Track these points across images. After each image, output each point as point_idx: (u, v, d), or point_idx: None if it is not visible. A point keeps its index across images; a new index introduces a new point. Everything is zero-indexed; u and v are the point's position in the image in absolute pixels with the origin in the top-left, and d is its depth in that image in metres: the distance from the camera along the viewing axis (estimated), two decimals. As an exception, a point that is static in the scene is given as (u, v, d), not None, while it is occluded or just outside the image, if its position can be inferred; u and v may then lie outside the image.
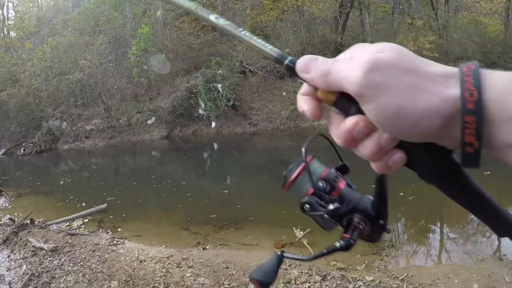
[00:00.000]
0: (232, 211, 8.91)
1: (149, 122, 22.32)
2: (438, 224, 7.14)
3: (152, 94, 23.63)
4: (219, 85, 20.29)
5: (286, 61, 0.63)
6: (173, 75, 23.49)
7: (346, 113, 0.57)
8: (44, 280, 6.49)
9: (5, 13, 40.39)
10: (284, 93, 21.16)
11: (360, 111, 0.55)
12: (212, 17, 0.72)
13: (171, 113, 21.36)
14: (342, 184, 0.74)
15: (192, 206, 9.79)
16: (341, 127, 0.56)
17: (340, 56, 0.60)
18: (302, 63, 0.59)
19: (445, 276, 5.05)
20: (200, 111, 20.97)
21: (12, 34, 38.74)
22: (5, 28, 39.48)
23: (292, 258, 0.80)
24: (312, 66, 0.58)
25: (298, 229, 6.88)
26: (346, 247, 0.72)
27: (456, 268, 5.29)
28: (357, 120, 0.55)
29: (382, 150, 0.56)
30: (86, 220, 9.47)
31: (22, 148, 23.84)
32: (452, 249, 6.01)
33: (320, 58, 0.58)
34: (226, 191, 10.67)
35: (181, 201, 10.29)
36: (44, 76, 25.91)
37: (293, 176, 0.73)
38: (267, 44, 0.66)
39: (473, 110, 0.48)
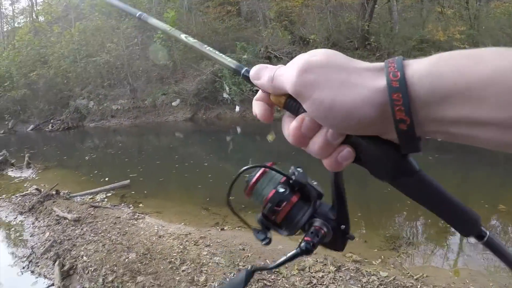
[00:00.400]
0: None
1: (173, 104, 22.48)
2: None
3: (178, 76, 23.74)
4: (244, 70, 20.25)
5: (243, 71, 0.69)
6: (198, 59, 23.48)
7: (295, 114, 0.61)
8: (65, 247, 6.66)
9: (33, -1, 41.29)
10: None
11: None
12: (182, 36, 0.83)
13: (196, 96, 21.46)
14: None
15: (213, 188, 9.83)
16: (290, 126, 0.60)
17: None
18: (254, 71, 0.65)
19: (461, 281, 4.95)
20: (225, 95, 20.98)
21: (41, 18, 39.31)
22: (33, 13, 40.21)
23: (260, 269, 0.82)
24: (262, 73, 0.64)
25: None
26: (307, 251, 0.73)
27: (474, 274, 5.15)
28: (302, 116, 0.59)
29: (329, 145, 0.59)
30: (109, 194, 9.64)
31: (50, 124, 24.40)
32: (471, 254, 5.77)
33: (269, 66, 0.64)
34: (247, 175, 10.69)
35: (202, 182, 10.35)
36: (72, 58, 26.37)
37: (254, 179, 0.77)
38: (228, 58, 0.74)
39: (398, 88, 0.51)
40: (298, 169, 0.76)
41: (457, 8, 22.91)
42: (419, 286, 4.78)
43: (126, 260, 5.93)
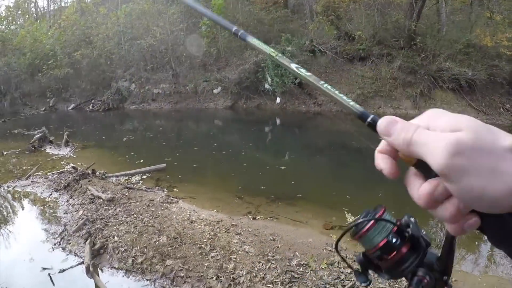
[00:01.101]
0: (286, 187, 8.81)
1: (215, 91, 22.55)
2: None
3: (220, 64, 23.78)
4: (288, 62, 20.11)
5: (368, 119, 0.65)
6: (242, 48, 23.47)
7: (426, 175, 0.59)
8: (97, 226, 6.67)
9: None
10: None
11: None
12: (293, 66, 0.80)
13: (237, 84, 21.44)
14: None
15: (247, 177, 9.77)
16: (421, 189, 0.58)
17: (416, 121, 0.60)
18: (382, 125, 0.62)
19: (490, 287, 4.89)
20: (266, 86, 20.89)
21: (87, -1, 39.93)
22: (80, -6, 40.86)
23: None
24: (393, 130, 0.60)
25: (350, 214, 6.76)
26: None
27: (503, 282, 5.09)
28: (437, 183, 0.56)
29: (460, 214, 0.57)
30: (145, 176, 9.67)
31: (91, 104, 24.84)
32: (501, 262, 5.66)
33: (399, 122, 0.60)
34: (283, 167, 10.55)
35: (237, 171, 10.30)
36: (117, 40, 26.75)
37: (365, 228, 0.74)
38: (349, 100, 0.70)
39: None
40: (411, 219, 0.76)
41: (506, 14, 22.07)
42: None
43: (157, 243, 5.92)
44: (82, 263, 5.74)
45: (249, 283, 4.85)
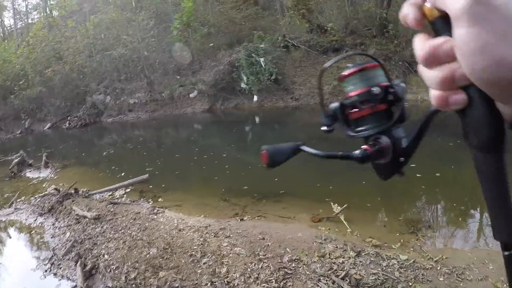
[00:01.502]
0: (271, 184, 8.82)
1: (191, 95, 22.44)
2: (478, 209, 6.83)
3: (195, 68, 23.71)
4: (262, 59, 20.10)
5: None
6: (215, 49, 23.49)
7: (437, 34, 0.57)
8: (86, 246, 6.63)
9: (47, -7, 41.45)
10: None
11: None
12: None
13: (213, 86, 21.39)
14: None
15: (232, 178, 9.77)
16: (428, 42, 0.57)
17: None
18: None
19: (480, 261, 4.93)
20: (242, 85, 20.88)
21: (55, 13, 39.49)
22: (47, 8, 40.41)
23: (307, 152, 0.86)
24: None
25: (336, 204, 6.77)
26: (360, 159, 0.73)
27: (492, 254, 5.10)
28: (447, 39, 0.55)
29: (451, 83, 0.56)
30: (128, 190, 9.61)
31: (67, 122, 24.57)
32: (490, 235, 5.74)
33: None
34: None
35: (221, 173, 10.29)
36: (88, 52, 26.52)
37: (359, 67, 0.74)
38: None
39: None
40: (402, 84, 0.73)
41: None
42: (438, 268, 4.81)
43: (147, 256, 5.91)
44: (76, 286, 5.70)
45: (243, 285, 4.88)
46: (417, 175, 7.82)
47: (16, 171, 12.87)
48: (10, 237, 8.44)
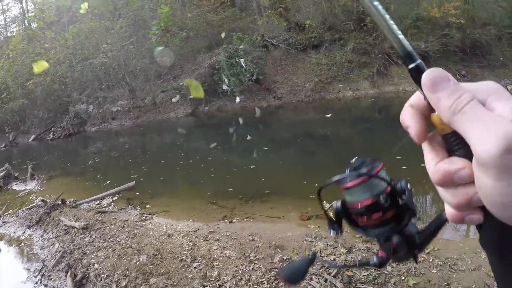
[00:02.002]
0: (258, 185, 8.89)
1: (173, 100, 22.45)
2: None
3: (176, 72, 23.71)
4: (242, 60, 20.15)
5: (412, 65, 0.55)
6: (195, 53, 23.52)
7: (452, 150, 0.53)
8: (76, 256, 6.64)
9: (24, 6, 41.41)
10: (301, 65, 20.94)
11: (469, 157, 0.49)
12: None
13: (195, 90, 21.35)
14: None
15: (219, 181, 9.82)
16: (443, 165, 0.52)
17: (471, 87, 0.52)
18: (431, 78, 0.52)
19: (472, 251, 4.94)
20: (224, 87, 20.93)
21: (33, 25, 39.14)
22: (26, 20, 40.09)
23: (323, 262, 0.80)
24: (442, 88, 0.51)
25: (324, 201, 6.81)
26: (380, 265, 0.72)
27: None
28: (465, 165, 0.50)
29: (469, 206, 0.52)
30: (115, 198, 9.62)
31: (51, 133, 24.45)
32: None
33: (452, 81, 0.51)
34: (252, 166, 10.60)
35: (207, 177, 10.34)
36: (68, 62, 26.41)
37: (355, 182, 0.68)
38: (399, 33, 0.57)
39: None
40: (408, 185, 0.70)
41: (450, -17, 22.65)
42: (431, 260, 4.81)
43: (137, 263, 5.93)
44: (66, 297, 5.74)
45: (235, 287, 4.93)
46: (403, 167, 7.96)
47: (2, 185, 12.81)
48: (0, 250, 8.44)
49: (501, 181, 0.44)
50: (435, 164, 0.53)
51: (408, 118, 0.56)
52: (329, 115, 9.89)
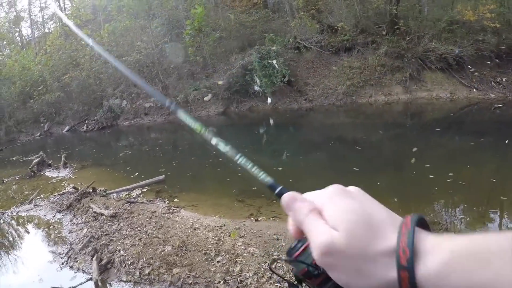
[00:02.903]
0: (286, 185, 8.79)
1: (205, 98, 22.56)
2: (498, 213, 6.69)
3: (208, 72, 23.82)
4: (274, 61, 20.11)
5: (276, 191, 0.75)
6: (228, 53, 23.59)
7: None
8: (102, 242, 6.75)
9: (61, 4, 42.35)
10: (334, 68, 20.81)
11: None
12: (214, 141, 0.88)
13: (227, 90, 21.47)
14: None
15: (246, 180, 9.74)
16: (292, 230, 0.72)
17: (316, 197, 0.70)
18: (284, 201, 0.70)
19: None
20: (256, 88, 20.90)
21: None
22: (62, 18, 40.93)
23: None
24: (292, 207, 0.69)
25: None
26: None
27: None
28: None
29: None
30: (145, 190, 9.73)
31: (85, 125, 24.92)
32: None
33: (298, 200, 0.69)
34: (280, 168, 10.54)
35: (236, 176, 10.30)
36: (103, 59, 26.67)
37: (297, 253, 0.74)
38: (261, 173, 0.78)
39: (406, 267, 0.54)
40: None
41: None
42: None
43: (162, 253, 5.98)
44: (91, 279, 5.83)
45: (256, 284, 4.91)
46: (430, 176, 7.83)
47: (36, 171, 13.15)
48: (29, 231, 8.64)
49: (331, 271, 0.62)
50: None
51: (289, 225, 0.73)
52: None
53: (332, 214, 0.63)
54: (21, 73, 29.86)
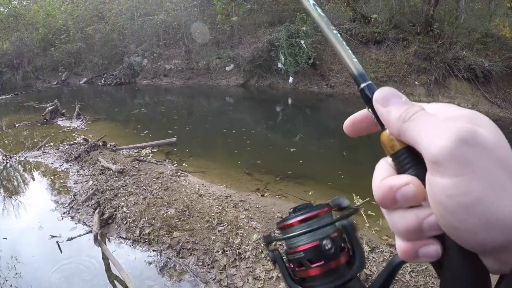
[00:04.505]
0: (295, 166, 8.74)
1: (227, 68, 22.39)
2: None
3: (234, 42, 23.60)
4: (303, 41, 19.81)
5: (364, 84, 0.53)
6: (256, 26, 23.32)
7: (400, 170, 0.48)
8: (106, 196, 6.71)
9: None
10: (360, 58, 20.51)
11: (420, 176, 0.45)
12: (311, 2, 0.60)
13: (250, 62, 21.23)
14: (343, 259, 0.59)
15: (257, 155, 9.71)
16: (386, 180, 0.47)
17: (424, 105, 0.50)
18: (383, 93, 0.50)
19: (494, 280, 4.69)
20: (279, 65, 20.63)
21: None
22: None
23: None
24: (393, 102, 0.49)
25: (358, 197, 6.56)
26: None
27: None
28: (411, 180, 0.45)
29: (419, 233, 0.45)
30: (155, 150, 9.70)
31: (103, 79, 24.96)
32: None
33: (404, 97, 0.50)
34: (292, 149, 10.40)
35: (248, 148, 10.26)
36: (130, 15, 26.70)
37: (300, 218, 0.61)
38: (353, 56, 0.55)
39: None
40: (349, 223, 0.62)
41: (527, 5, 21.52)
42: None
43: (165, 214, 5.94)
44: (90, 232, 5.80)
45: (254, 259, 4.86)
46: None
47: (49, 118, 13.18)
48: (34, 178, 8.65)
49: (459, 176, 0.40)
50: (380, 179, 0.48)
51: (354, 118, 0.57)
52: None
53: (462, 113, 0.45)
54: (45, 20, 29.85)
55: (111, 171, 7.65)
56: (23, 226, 6.48)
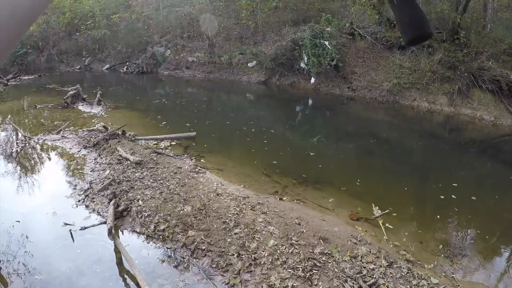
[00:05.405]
0: (314, 170, 8.58)
1: (249, 64, 22.26)
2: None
3: (257, 38, 23.47)
4: (327, 42, 19.61)
5: None
6: (281, 24, 23.15)
7: None
8: (123, 187, 6.62)
9: None
10: (384, 63, 20.26)
11: None
12: None
13: (273, 60, 21.09)
14: None
15: (277, 155, 9.56)
16: None
17: None
18: None
19: None
20: (302, 65, 20.47)
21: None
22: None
23: None
24: None
25: (377, 208, 6.47)
26: None
27: None
28: None
29: None
30: (174, 143, 9.61)
31: (126, 67, 25.01)
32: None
33: None
34: (312, 153, 10.22)
35: (267, 148, 10.12)
36: (155, 5, 26.84)
37: None
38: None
39: None
40: None
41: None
42: None
43: (181, 212, 5.84)
44: (104, 223, 5.71)
45: (269, 265, 4.74)
46: (452, 196, 7.45)
47: (70, 102, 13.21)
48: (51, 161, 8.61)
49: None
50: None
51: None
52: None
53: None
54: (72, 5, 30.05)
55: (128, 162, 7.57)
56: (36, 208, 6.43)
